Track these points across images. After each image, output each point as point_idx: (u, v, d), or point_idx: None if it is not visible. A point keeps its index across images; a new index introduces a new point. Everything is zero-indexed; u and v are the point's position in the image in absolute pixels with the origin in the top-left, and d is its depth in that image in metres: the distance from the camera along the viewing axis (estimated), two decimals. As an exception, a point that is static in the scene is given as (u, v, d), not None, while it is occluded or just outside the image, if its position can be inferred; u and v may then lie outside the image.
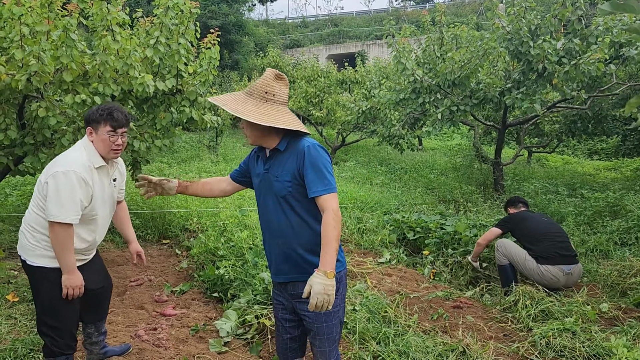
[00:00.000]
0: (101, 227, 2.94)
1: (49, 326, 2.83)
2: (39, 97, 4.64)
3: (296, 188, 2.31)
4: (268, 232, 2.43)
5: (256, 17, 42.64)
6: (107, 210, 2.96)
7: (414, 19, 35.05)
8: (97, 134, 2.78)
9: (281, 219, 2.34)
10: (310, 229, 2.32)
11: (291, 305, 2.46)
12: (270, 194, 2.38)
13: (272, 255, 2.44)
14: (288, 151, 2.36)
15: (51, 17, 4.38)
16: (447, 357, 3.31)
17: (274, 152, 2.39)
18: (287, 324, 2.51)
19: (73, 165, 2.65)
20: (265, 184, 2.40)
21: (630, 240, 5.90)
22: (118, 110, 2.80)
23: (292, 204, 2.32)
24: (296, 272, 2.36)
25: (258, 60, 22.76)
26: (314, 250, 2.31)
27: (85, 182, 2.66)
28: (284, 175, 2.32)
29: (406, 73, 8.47)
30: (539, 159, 16.63)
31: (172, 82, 5.28)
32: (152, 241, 6.85)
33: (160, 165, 12.28)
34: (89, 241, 2.87)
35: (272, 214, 2.38)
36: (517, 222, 4.91)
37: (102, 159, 2.80)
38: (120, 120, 2.78)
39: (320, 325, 2.37)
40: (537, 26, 7.27)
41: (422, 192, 9.57)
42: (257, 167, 2.50)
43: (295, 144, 2.36)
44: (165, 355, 3.45)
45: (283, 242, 2.35)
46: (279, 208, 2.34)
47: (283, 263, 2.38)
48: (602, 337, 3.50)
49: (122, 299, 4.64)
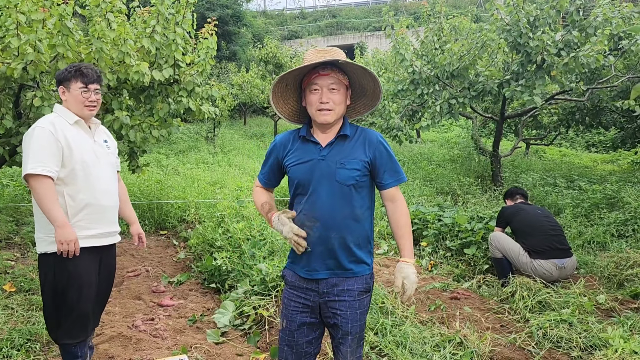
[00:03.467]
0: (100, 188, 2.77)
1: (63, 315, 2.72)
2: (35, 87, 4.61)
3: (362, 178, 2.18)
4: (321, 224, 2.17)
5: (254, 8, 42.39)
6: (104, 170, 2.83)
7: (412, 10, 34.87)
8: (69, 92, 2.77)
9: (338, 210, 2.16)
10: (362, 223, 2.22)
11: (315, 305, 2.26)
12: (326, 182, 2.17)
13: (315, 249, 2.19)
14: (354, 138, 2.23)
15: (47, 5, 4.33)
16: (444, 347, 3.31)
17: (339, 137, 2.22)
18: (305, 327, 2.27)
19: (38, 123, 2.67)
20: (320, 171, 2.18)
21: (627, 232, 5.92)
22: (87, 66, 2.79)
23: (353, 195, 2.18)
24: (339, 267, 2.20)
25: (256, 51, 22.64)
26: (361, 245, 2.23)
27: (52, 134, 2.62)
28: (354, 162, 2.17)
29: (405, 64, 8.43)
30: (537, 151, 16.63)
31: (169, 72, 5.24)
32: (150, 232, 6.84)
33: (157, 157, 12.26)
34: (87, 201, 2.71)
35: (327, 205, 2.17)
36: (510, 216, 4.90)
37: (75, 115, 2.77)
38: (91, 75, 2.76)
39: (355, 325, 2.22)
40: (535, 17, 7.23)
41: (420, 184, 9.57)
42: (302, 153, 2.24)
43: (360, 132, 2.26)
44: (162, 346, 3.45)
45: (337, 235, 2.17)
46: (339, 199, 2.17)
47: (329, 258, 2.19)
48: (598, 328, 3.51)
49: (120, 290, 4.64)
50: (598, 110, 11.18)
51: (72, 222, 2.66)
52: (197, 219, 6.53)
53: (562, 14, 7.38)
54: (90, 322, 2.84)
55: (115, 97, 5.28)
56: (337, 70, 2.18)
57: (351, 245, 2.19)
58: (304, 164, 2.22)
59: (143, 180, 7.98)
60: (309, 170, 2.20)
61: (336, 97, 2.17)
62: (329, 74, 2.16)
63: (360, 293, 2.23)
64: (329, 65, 2.18)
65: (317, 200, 2.18)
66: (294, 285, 2.29)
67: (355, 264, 2.21)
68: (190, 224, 6.70)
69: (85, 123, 2.84)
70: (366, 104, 2.38)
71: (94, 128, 2.90)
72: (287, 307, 2.31)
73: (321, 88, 2.16)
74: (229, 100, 16.07)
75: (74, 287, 2.69)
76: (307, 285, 2.25)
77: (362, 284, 2.24)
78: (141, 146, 5.69)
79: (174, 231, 6.79)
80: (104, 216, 2.82)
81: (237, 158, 13.07)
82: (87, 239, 2.72)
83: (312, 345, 2.31)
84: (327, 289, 2.22)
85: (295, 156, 2.26)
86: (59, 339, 2.77)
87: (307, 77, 2.22)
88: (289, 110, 2.40)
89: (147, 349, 3.38)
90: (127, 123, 5.27)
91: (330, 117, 2.17)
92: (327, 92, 2.16)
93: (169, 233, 6.78)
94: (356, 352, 2.27)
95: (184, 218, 6.82)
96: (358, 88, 2.31)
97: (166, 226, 6.94)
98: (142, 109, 5.69)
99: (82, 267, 2.71)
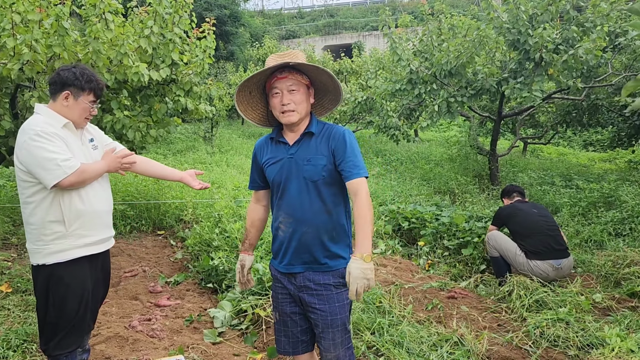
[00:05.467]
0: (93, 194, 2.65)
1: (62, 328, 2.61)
2: (32, 87, 4.60)
3: (329, 173, 2.24)
4: (293, 219, 2.27)
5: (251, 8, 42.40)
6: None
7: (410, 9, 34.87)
8: (76, 101, 2.61)
9: (308, 206, 2.24)
10: (333, 217, 2.27)
11: (298, 297, 2.34)
12: (295, 179, 2.26)
13: (290, 244, 2.29)
14: (319, 135, 2.29)
15: (43, 5, 4.32)
16: (442, 347, 3.31)
17: (305, 135, 2.29)
18: (297, 317, 2.38)
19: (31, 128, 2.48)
20: (289, 169, 2.28)
21: (624, 231, 5.92)
22: (98, 80, 2.67)
23: (321, 190, 2.24)
24: (314, 262, 2.27)
25: (254, 51, 22.67)
26: (336, 239, 2.28)
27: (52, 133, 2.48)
28: (319, 158, 2.24)
29: (402, 63, 8.43)
30: (534, 150, 16.65)
31: (166, 72, 5.23)
32: (147, 232, 6.83)
33: (155, 157, 12.23)
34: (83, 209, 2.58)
35: (297, 201, 2.26)
36: (507, 216, 4.89)
37: (64, 118, 2.60)
38: (102, 90, 2.71)
39: (335, 318, 2.26)
40: (532, 15, 7.23)
41: (418, 183, 9.57)
42: (274, 153, 2.35)
43: (326, 128, 2.31)
44: (159, 346, 3.45)
45: (309, 230, 2.24)
46: (307, 194, 2.24)
47: (303, 253, 2.27)
48: (595, 326, 3.52)
49: (117, 290, 4.63)
50: (595, 108, 11.20)
51: (69, 231, 2.55)
52: (195, 219, 6.52)
53: (560, 13, 7.39)
54: (85, 331, 2.79)
55: (114, 97, 5.27)
56: (294, 72, 2.27)
57: (325, 240, 2.26)
58: (275, 163, 2.33)
59: (141, 180, 7.96)
60: (280, 169, 2.31)
61: (297, 97, 2.25)
62: (287, 77, 2.25)
63: (337, 286, 2.28)
64: (286, 68, 2.26)
65: (289, 197, 2.28)
66: (277, 278, 2.42)
67: (330, 259, 2.27)
68: (187, 223, 6.69)
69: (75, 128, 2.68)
70: (332, 99, 2.46)
71: (81, 129, 2.75)
72: (275, 299, 2.44)
73: (281, 91, 2.26)
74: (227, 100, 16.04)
75: (72, 298, 2.59)
76: (287, 279, 2.36)
77: (337, 278, 2.28)
78: (139, 145, 5.68)
79: (171, 231, 6.78)
80: (99, 221, 2.71)
81: (234, 158, 13.05)
82: (84, 248, 2.62)
83: (307, 334, 2.42)
84: (303, 282, 2.29)
85: (268, 157, 2.37)
86: (50, 350, 2.62)
87: (268, 82, 2.32)
88: (259, 116, 2.51)
89: (144, 349, 3.37)
90: (126, 123, 5.26)
91: (294, 117, 2.26)
92: (287, 93, 2.25)
93: (166, 233, 6.77)
94: (341, 345, 2.29)
95: (182, 218, 6.81)
96: (319, 85, 2.39)
97: (164, 226, 6.93)
98: (139, 109, 5.68)
99: (80, 277, 2.62)
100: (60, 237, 2.54)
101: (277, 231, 2.37)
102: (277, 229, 2.37)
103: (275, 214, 2.38)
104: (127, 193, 7.31)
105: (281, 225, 2.33)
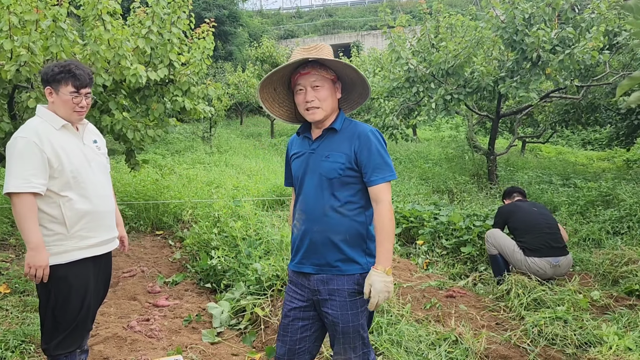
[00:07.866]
0: (95, 194, 2.62)
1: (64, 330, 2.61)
2: (29, 87, 4.59)
3: (347, 172, 2.14)
4: (305, 217, 2.20)
5: (250, 8, 42.37)
6: (98, 175, 2.68)
7: (408, 9, 34.88)
8: (57, 95, 2.54)
9: (320, 204, 2.16)
10: (349, 219, 2.16)
11: (309, 302, 2.25)
12: (312, 175, 2.19)
13: (302, 243, 2.22)
14: (343, 132, 2.21)
15: (40, 6, 4.31)
16: (440, 346, 3.32)
17: (328, 131, 2.22)
18: (299, 324, 2.26)
19: (20, 132, 2.47)
20: (308, 164, 2.22)
21: (622, 230, 5.93)
22: (77, 66, 2.55)
23: (336, 189, 2.14)
24: (325, 265, 2.17)
25: (252, 51, 22.64)
26: (350, 243, 2.16)
27: (37, 145, 2.43)
28: (338, 156, 2.15)
29: (400, 62, 8.43)
30: (533, 149, 16.67)
31: (164, 72, 5.23)
32: (146, 232, 6.83)
33: (154, 157, 12.23)
34: (85, 210, 2.57)
35: (311, 198, 2.19)
36: (507, 214, 4.91)
37: (62, 119, 2.57)
38: (84, 79, 2.54)
39: (347, 326, 2.17)
40: (530, 15, 7.24)
41: (416, 183, 9.58)
42: (299, 148, 2.31)
43: (352, 126, 2.22)
44: (157, 346, 3.45)
45: (319, 229, 2.16)
46: (321, 192, 2.16)
47: (314, 253, 2.18)
48: (593, 325, 3.52)
49: (115, 290, 4.63)
50: (593, 108, 11.22)
51: (71, 232, 2.53)
52: (193, 219, 6.52)
53: (557, 13, 7.39)
54: (86, 331, 2.79)
55: (112, 98, 5.27)
56: (318, 67, 2.17)
57: (337, 241, 2.15)
58: (298, 158, 2.30)
59: (139, 180, 7.96)
60: (301, 164, 2.26)
61: (321, 94, 2.17)
62: (309, 72, 2.17)
63: (351, 294, 2.17)
64: (309, 63, 2.17)
65: (305, 193, 2.23)
66: (291, 281, 2.35)
67: (343, 263, 2.16)
68: (186, 223, 6.69)
69: (73, 126, 2.65)
70: (362, 94, 2.36)
71: (82, 129, 2.72)
72: (284, 302, 2.35)
73: (305, 87, 2.18)
74: (225, 100, 16.04)
75: (75, 299, 2.59)
76: (300, 280, 2.27)
77: (352, 284, 2.17)
78: (138, 145, 5.68)
79: (170, 231, 6.78)
80: (102, 222, 2.69)
81: (233, 158, 13.06)
82: (88, 249, 2.61)
83: (305, 342, 2.28)
84: (318, 286, 2.20)
85: (295, 152, 2.34)
86: (51, 350, 2.62)
87: (292, 77, 2.24)
88: (286, 112, 2.44)
89: (142, 349, 3.37)
90: (125, 124, 5.25)
91: (318, 115, 2.18)
92: (311, 90, 2.17)
93: (165, 233, 6.77)
94: (354, 350, 2.22)
95: (180, 218, 6.81)
96: (346, 79, 2.30)
97: (162, 226, 6.93)
98: (137, 109, 5.68)
99: (84, 277, 2.62)
100: (61, 238, 2.53)
101: (293, 228, 2.31)
102: (293, 226, 2.31)
103: (294, 210, 2.32)
104: (126, 193, 7.31)
105: (296, 223, 2.26)
